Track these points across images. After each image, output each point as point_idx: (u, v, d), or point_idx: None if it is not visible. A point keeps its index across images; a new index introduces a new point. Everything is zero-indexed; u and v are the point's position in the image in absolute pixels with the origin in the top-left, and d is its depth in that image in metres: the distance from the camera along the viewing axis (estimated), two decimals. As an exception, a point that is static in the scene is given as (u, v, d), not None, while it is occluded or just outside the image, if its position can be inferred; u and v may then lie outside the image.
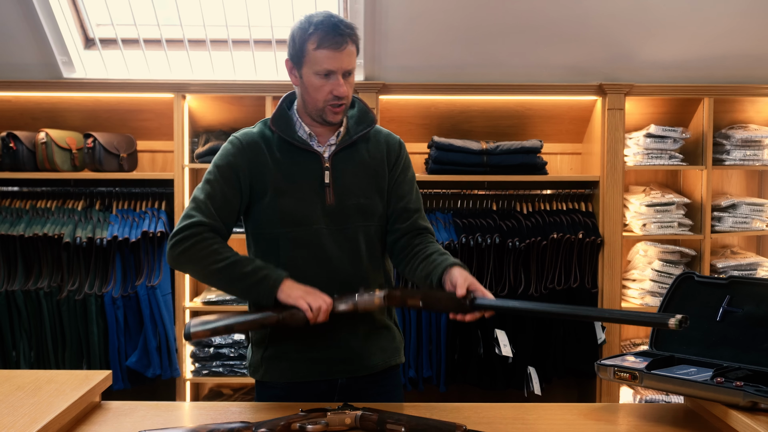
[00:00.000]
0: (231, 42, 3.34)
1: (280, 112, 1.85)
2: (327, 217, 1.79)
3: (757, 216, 3.55)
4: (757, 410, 1.45)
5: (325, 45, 1.71)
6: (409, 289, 1.68)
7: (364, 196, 1.82)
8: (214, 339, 3.37)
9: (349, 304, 1.68)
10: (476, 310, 1.62)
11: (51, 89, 3.40)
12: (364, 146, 1.86)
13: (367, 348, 1.84)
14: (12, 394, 1.56)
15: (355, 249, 1.81)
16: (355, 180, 1.82)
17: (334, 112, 1.77)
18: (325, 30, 1.71)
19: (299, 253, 1.79)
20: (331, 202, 1.79)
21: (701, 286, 1.80)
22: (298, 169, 1.79)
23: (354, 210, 1.81)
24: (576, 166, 3.77)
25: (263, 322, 1.67)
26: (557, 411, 1.71)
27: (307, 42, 1.72)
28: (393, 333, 1.92)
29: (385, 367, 1.88)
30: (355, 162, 1.83)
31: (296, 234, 1.78)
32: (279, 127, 1.81)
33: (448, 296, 1.64)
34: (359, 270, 1.82)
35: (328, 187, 1.79)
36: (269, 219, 1.80)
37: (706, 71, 3.45)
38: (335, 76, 1.73)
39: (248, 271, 1.72)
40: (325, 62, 1.72)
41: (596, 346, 3.38)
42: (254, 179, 1.79)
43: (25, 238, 3.25)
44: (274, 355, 1.83)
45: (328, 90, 1.74)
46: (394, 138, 1.93)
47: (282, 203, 1.78)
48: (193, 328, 1.63)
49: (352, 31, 1.74)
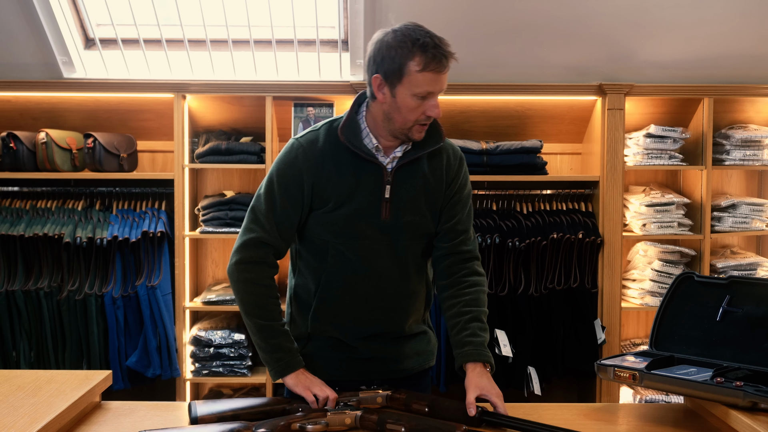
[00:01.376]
0: (231, 42, 3.34)
1: (349, 120, 1.78)
2: (380, 232, 1.77)
3: (757, 216, 3.55)
4: (757, 410, 1.45)
5: (431, 68, 1.64)
6: (415, 393, 1.68)
7: (419, 214, 1.79)
8: (213, 339, 3.36)
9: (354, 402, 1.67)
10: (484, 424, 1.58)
11: (51, 89, 3.40)
12: (427, 162, 1.81)
13: (404, 352, 1.86)
14: (12, 394, 1.56)
15: (404, 265, 1.80)
16: (414, 197, 1.78)
17: (421, 130, 1.73)
18: (431, 53, 1.64)
19: (348, 265, 1.77)
20: (386, 217, 1.76)
21: (701, 286, 1.80)
22: (359, 180, 1.75)
23: (407, 227, 1.78)
24: (576, 166, 3.77)
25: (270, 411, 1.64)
26: (557, 411, 1.71)
27: (410, 62, 1.64)
28: (429, 337, 1.93)
29: (420, 370, 1.90)
30: (416, 177, 1.79)
31: (347, 245, 1.76)
32: (347, 136, 1.75)
33: (456, 407, 1.60)
34: (406, 286, 1.81)
35: (387, 202, 1.76)
36: (323, 227, 1.77)
37: (706, 71, 3.44)
38: (433, 98, 1.69)
39: (272, 344, 1.75)
40: (428, 85, 1.66)
41: (596, 346, 3.38)
42: (315, 188, 1.75)
43: (25, 238, 3.25)
44: (312, 353, 1.84)
45: (422, 111, 1.69)
46: (457, 153, 1.87)
47: (338, 214, 1.75)
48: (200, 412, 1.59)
49: (449, 49, 1.69)
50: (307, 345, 1.85)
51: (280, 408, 1.62)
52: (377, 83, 1.70)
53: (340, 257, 1.77)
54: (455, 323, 1.80)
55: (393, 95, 1.69)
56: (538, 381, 3.30)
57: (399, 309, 1.83)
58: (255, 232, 1.76)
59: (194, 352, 3.39)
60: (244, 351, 3.39)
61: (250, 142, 3.45)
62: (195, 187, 3.62)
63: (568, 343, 3.38)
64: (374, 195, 1.75)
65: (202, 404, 1.62)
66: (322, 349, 1.84)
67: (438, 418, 1.55)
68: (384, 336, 1.83)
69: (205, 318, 3.60)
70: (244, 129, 3.62)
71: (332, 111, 3.45)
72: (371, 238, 1.76)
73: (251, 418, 1.56)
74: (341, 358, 1.83)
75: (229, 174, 3.71)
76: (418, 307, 1.88)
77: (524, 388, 3.31)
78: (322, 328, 1.82)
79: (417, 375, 1.91)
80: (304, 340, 1.85)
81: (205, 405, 1.61)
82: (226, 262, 3.67)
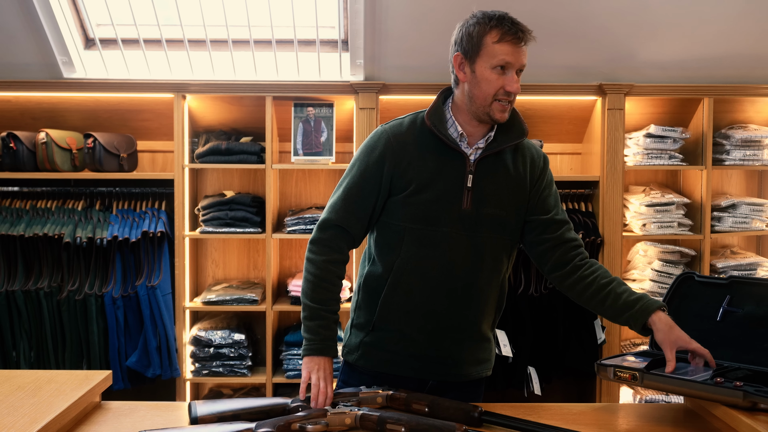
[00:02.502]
0: (231, 42, 3.34)
1: (435, 108, 1.81)
2: (460, 222, 1.77)
3: (757, 216, 3.55)
4: (757, 410, 1.45)
5: (507, 39, 1.71)
6: (415, 393, 1.67)
7: (501, 207, 1.79)
8: (213, 339, 3.37)
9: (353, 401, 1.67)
10: (485, 423, 1.57)
11: (51, 89, 3.40)
12: (510, 157, 1.83)
13: (466, 357, 1.84)
14: (12, 394, 1.56)
15: (480, 258, 1.79)
16: (496, 189, 1.79)
17: (502, 109, 1.74)
18: (507, 25, 1.72)
19: (422, 252, 1.77)
20: (467, 207, 1.76)
21: (701, 286, 1.80)
22: (442, 167, 1.77)
23: (488, 219, 1.78)
24: (576, 166, 3.77)
25: (270, 411, 1.63)
26: (557, 411, 1.71)
27: (487, 35, 1.72)
28: (491, 346, 1.92)
29: (476, 378, 1.88)
30: (499, 171, 1.80)
31: (425, 232, 1.77)
32: (433, 121, 1.78)
33: (456, 407, 1.59)
34: (477, 280, 1.79)
35: (468, 191, 1.77)
36: (402, 212, 1.78)
37: (706, 71, 3.45)
38: (510, 72, 1.72)
39: (310, 326, 1.76)
40: (505, 55, 1.71)
41: (596, 346, 3.37)
42: (397, 174, 1.78)
43: (25, 238, 3.25)
44: (374, 342, 1.83)
45: (500, 84, 1.72)
46: (540, 153, 1.89)
47: (419, 199, 1.76)
48: (200, 412, 1.59)
49: (529, 32, 1.75)
50: (370, 334, 1.84)
51: (280, 408, 1.62)
52: (458, 62, 1.77)
53: (415, 244, 1.77)
54: (604, 295, 1.75)
55: (473, 71, 1.74)
56: (538, 381, 3.30)
57: (470, 307, 1.81)
58: (329, 214, 1.82)
59: (194, 352, 3.39)
60: (244, 351, 3.39)
61: (250, 142, 3.45)
62: (195, 187, 3.62)
63: (568, 343, 3.38)
64: (456, 183, 1.76)
65: (202, 404, 1.62)
66: (383, 341, 1.82)
67: (438, 418, 1.55)
68: (450, 334, 1.80)
69: (205, 318, 3.60)
70: (244, 129, 3.62)
71: (332, 111, 3.45)
72: (450, 226, 1.76)
73: (251, 418, 1.56)
74: (402, 352, 1.82)
75: (229, 174, 3.71)
76: (489, 310, 1.86)
77: (524, 388, 3.31)
78: (388, 317, 1.81)
79: (473, 383, 1.88)
80: (368, 328, 1.84)
81: (205, 405, 1.61)
82: (226, 262, 3.73)
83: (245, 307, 3.41)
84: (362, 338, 1.84)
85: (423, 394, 1.68)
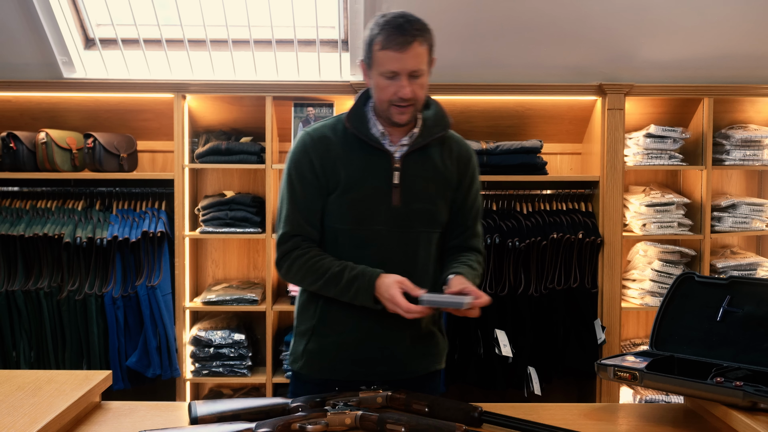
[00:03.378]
0: (231, 42, 3.34)
1: (356, 109, 1.82)
2: (391, 219, 1.78)
3: (757, 216, 3.55)
4: (756, 410, 1.45)
5: (389, 46, 1.69)
6: (415, 393, 1.66)
7: (431, 202, 1.81)
8: (213, 339, 3.37)
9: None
10: (485, 423, 1.57)
11: (51, 89, 3.40)
12: (436, 151, 1.84)
13: (411, 353, 1.84)
14: (12, 394, 1.56)
15: (414, 254, 1.80)
16: (424, 184, 1.80)
17: (400, 112, 1.75)
18: (389, 31, 1.69)
19: (356, 252, 1.78)
20: (397, 204, 1.78)
21: (701, 286, 1.80)
22: (367, 166, 1.78)
23: (419, 214, 1.80)
24: (576, 166, 3.77)
25: (270, 411, 1.62)
26: (557, 411, 1.71)
27: (375, 43, 1.71)
28: (437, 339, 1.91)
29: (425, 373, 1.88)
30: (426, 166, 1.81)
31: (357, 232, 1.78)
32: (353, 124, 1.79)
33: (456, 407, 1.59)
34: (413, 275, 1.79)
35: (396, 189, 1.77)
36: (333, 214, 1.79)
37: (706, 71, 3.44)
38: (399, 78, 1.71)
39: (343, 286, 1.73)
40: (389, 63, 1.70)
41: (596, 346, 3.37)
42: (326, 173, 1.78)
43: (25, 238, 3.25)
44: (316, 349, 1.83)
45: (392, 91, 1.72)
46: (467, 146, 1.91)
47: (348, 200, 1.77)
48: (200, 412, 1.58)
49: (419, 31, 1.70)
50: (312, 340, 1.83)
51: (280, 408, 1.62)
52: (363, 69, 1.79)
53: (350, 244, 1.78)
54: (450, 266, 1.82)
55: (371, 77, 1.77)
56: (538, 381, 3.30)
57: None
58: (283, 228, 1.82)
59: (194, 352, 3.39)
60: (244, 351, 3.39)
61: (250, 142, 3.45)
62: (195, 187, 3.62)
63: (568, 343, 3.38)
64: (384, 181, 1.77)
65: (202, 404, 1.61)
66: (325, 347, 1.82)
67: (438, 418, 1.55)
68: (391, 333, 1.79)
69: (205, 318, 3.60)
70: (244, 129, 3.62)
71: (332, 111, 3.45)
72: (382, 224, 1.77)
73: (251, 418, 1.56)
74: (344, 357, 1.81)
75: (229, 174, 3.71)
76: None
77: (524, 388, 3.31)
78: (328, 322, 1.81)
79: (423, 378, 1.88)
80: (309, 334, 1.83)
81: (205, 405, 1.61)
82: (226, 261, 3.73)
83: (245, 307, 3.41)
84: (305, 345, 1.83)
85: (423, 394, 1.68)
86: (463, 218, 1.88)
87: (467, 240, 1.89)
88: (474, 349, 3.30)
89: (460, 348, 3.30)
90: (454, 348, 3.30)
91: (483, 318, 3.26)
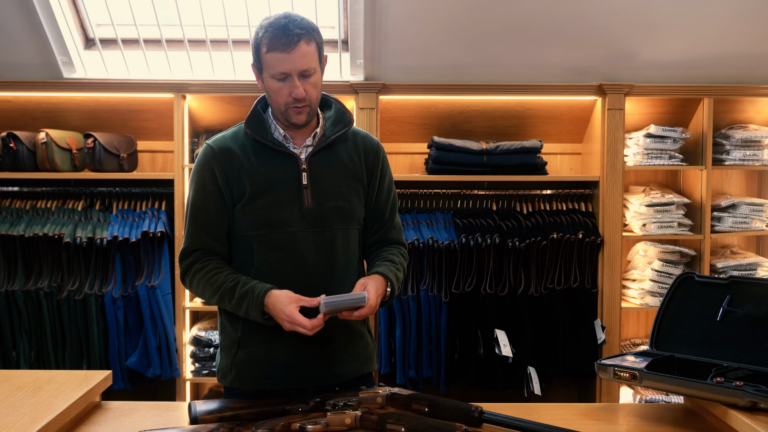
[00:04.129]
0: (231, 42, 3.35)
1: (254, 115, 1.81)
2: (304, 220, 1.76)
3: (757, 216, 3.55)
4: (756, 410, 1.45)
5: (275, 48, 1.68)
6: (415, 393, 1.66)
7: (343, 198, 1.80)
8: (213, 339, 3.37)
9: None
10: (485, 423, 1.56)
11: (51, 89, 3.40)
12: (342, 147, 1.83)
13: (339, 355, 1.81)
14: (12, 394, 1.56)
15: (332, 252, 1.79)
16: (334, 182, 1.80)
17: (297, 112, 1.74)
18: (273, 32, 1.68)
19: (274, 256, 1.76)
20: (309, 205, 1.77)
21: (701, 286, 1.80)
22: (274, 171, 1.76)
23: (332, 212, 1.79)
24: (576, 166, 3.77)
25: (270, 411, 1.62)
26: (557, 411, 1.71)
27: (261, 46, 1.70)
28: (366, 340, 1.89)
29: (357, 376, 1.85)
30: (333, 164, 1.81)
31: (272, 236, 1.76)
32: (253, 130, 1.78)
33: (456, 407, 1.58)
34: (335, 273, 1.79)
35: (306, 189, 1.77)
36: (245, 222, 1.77)
37: (706, 71, 3.45)
38: (291, 78, 1.70)
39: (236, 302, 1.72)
40: (277, 65, 1.69)
41: (596, 346, 3.38)
42: (231, 184, 1.77)
43: (25, 238, 3.25)
44: (244, 361, 1.80)
45: (286, 93, 1.71)
46: (373, 140, 1.90)
47: (258, 205, 1.75)
48: (200, 412, 1.58)
49: (303, 30, 1.69)
50: (239, 352, 1.80)
51: (280, 408, 1.62)
52: (255, 74, 1.79)
53: (264, 250, 1.76)
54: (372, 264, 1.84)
55: (263, 81, 1.76)
56: (538, 381, 3.30)
57: None
58: (185, 243, 1.81)
59: (194, 352, 3.39)
60: (244, 351, 3.39)
61: (250, 142, 3.45)
62: (195, 187, 3.61)
63: (568, 343, 3.38)
64: (293, 183, 1.76)
65: (202, 404, 1.61)
66: (253, 357, 1.79)
67: (438, 418, 1.55)
68: (318, 335, 1.70)
69: (205, 318, 3.60)
70: (244, 129, 3.61)
71: (332, 111, 3.45)
72: (297, 225, 1.76)
73: (251, 418, 1.56)
74: (274, 364, 1.78)
75: (229, 174, 3.71)
76: None
77: (524, 388, 3.31)
78: (252, 331, 1.78)
79: (357, 380, 1.84)
80: (235, 347, 1.81)
81: (205, 405, 1.61)
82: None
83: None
84: (232, 359, 1.81)
85: (423, 393, 1.68)
86: (379, 212, 1.88)
87: (386, 233, 1.89)
88: (474, 349, 3.30)
89: (460, 348, 3.31)
90: (454, 348, 3.31)
91: (483, 318, 3.28)
